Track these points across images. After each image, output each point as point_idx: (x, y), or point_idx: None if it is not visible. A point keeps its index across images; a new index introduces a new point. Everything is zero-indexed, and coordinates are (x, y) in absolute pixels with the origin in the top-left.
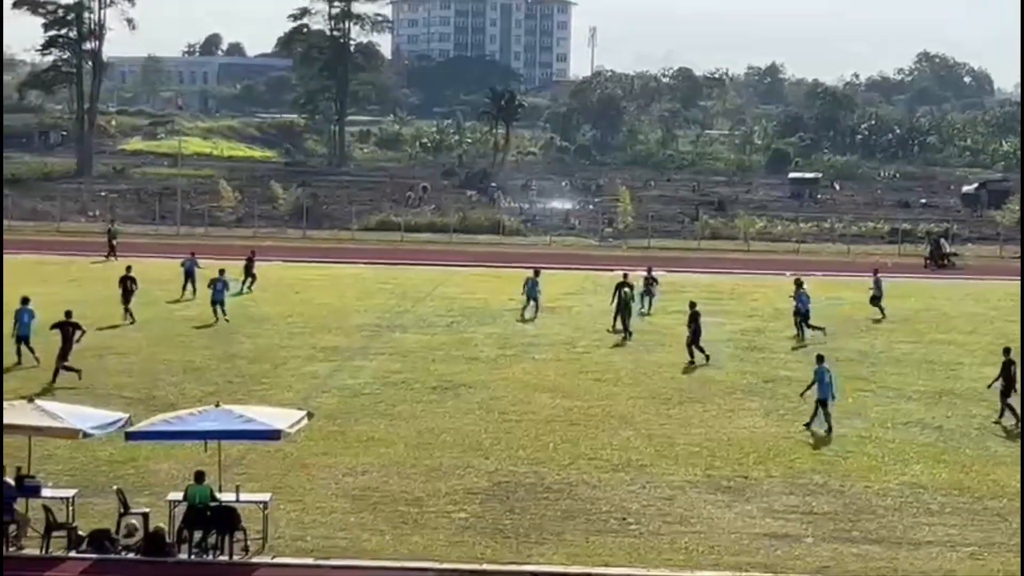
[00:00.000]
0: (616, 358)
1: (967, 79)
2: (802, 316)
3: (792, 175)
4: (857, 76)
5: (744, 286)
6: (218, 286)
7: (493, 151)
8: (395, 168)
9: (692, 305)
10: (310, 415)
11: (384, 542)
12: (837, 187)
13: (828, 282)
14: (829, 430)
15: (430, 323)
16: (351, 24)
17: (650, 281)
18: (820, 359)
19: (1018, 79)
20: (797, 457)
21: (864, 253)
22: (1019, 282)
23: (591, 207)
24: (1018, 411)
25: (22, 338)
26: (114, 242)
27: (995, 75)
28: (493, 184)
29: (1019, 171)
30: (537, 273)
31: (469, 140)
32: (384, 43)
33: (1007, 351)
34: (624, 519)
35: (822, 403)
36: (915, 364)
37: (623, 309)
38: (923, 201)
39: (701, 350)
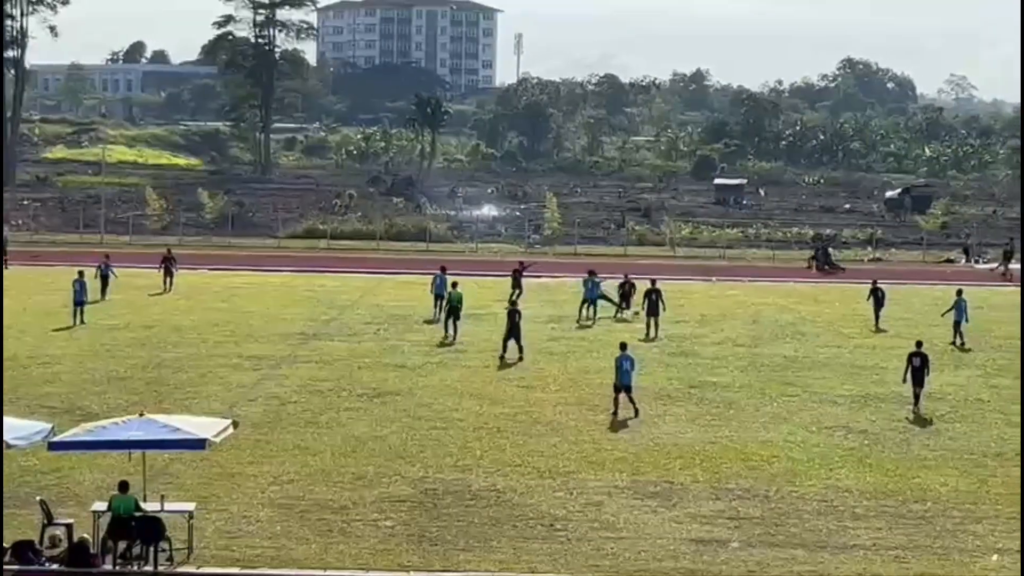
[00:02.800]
0: (543, 364)
1: (890, 85)
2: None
3: (717, 181)
4: (781, 82)
5: (670, 292)
6: (77, 287)
7: (419, 158)
8: (321, 176)
9: (512, 303)
10: (235, 424)
11: (310, 551)
12: (762, 193)
13: (756, 287)
14: (615, 414)
15: (356, 331)
16: (276, 31)
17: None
18: (623, 347)
19: (941, 84)
20: (723, 462)
21: (788, 258)
22: (942, 286)
23: (518, 214)
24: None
25: None
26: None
27: (917, 81)
28: (419, 191)
29: (941, 177)
30: (444, 270)
31: (395, 147)
32: (309, 50)
33: (918, 344)
34: (551, 525)
35: (625, 389)
36: (840, 368)
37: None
38: (847, 206)
39: (519, 348)
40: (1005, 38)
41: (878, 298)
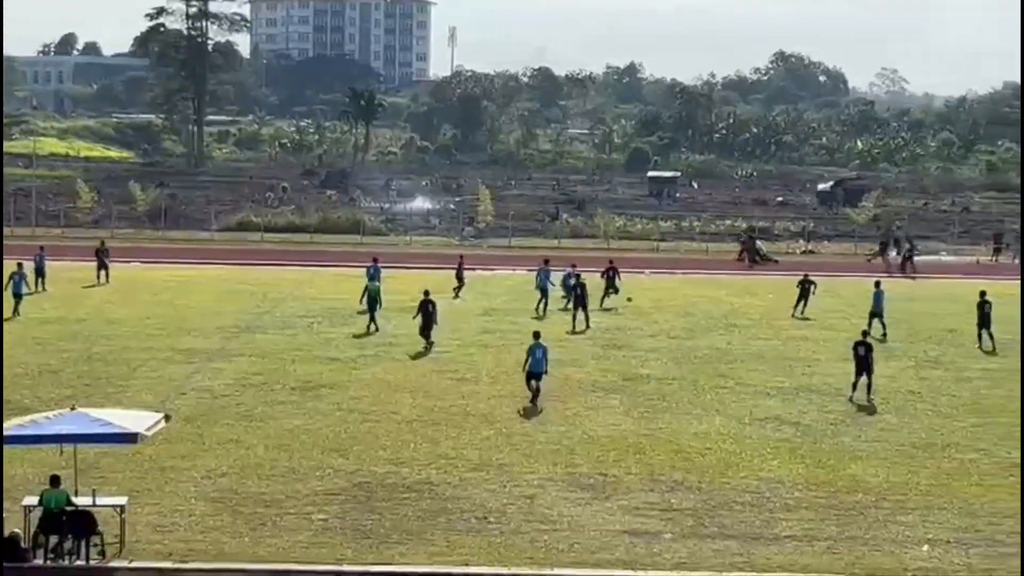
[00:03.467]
0: (476, 357)
1: (822, 78)
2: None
3: (651, 174)
4: (714, 76)
5: (602, 284)
6: (16, 279)
7: (353, 151)
8: (254, 168)
9: (426, 292)
10: (168, 417)
11: (243, 544)
12: (695, 186)
13: (689, 280)
14: (533, 400)
15: (290, 324)
16: (208, 23)
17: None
18: (536, 336)
19: (873, 78)
20: (657, 454)
21: (722, 251)
22: (875, 278)
23: (451, 206)
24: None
25: None
26: None
27: (849, 74)
28: (353, 184)
29: (873, 170)
30: (376, 260)
31: (329, 140)
32: (242, 43)
33: (864, 333)
34: (484, 518)
35: (535, 377)
36: (773, 360)
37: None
38: (780, 199)
39: (427, 338)
40: (935, 31)
41: (805, 290)
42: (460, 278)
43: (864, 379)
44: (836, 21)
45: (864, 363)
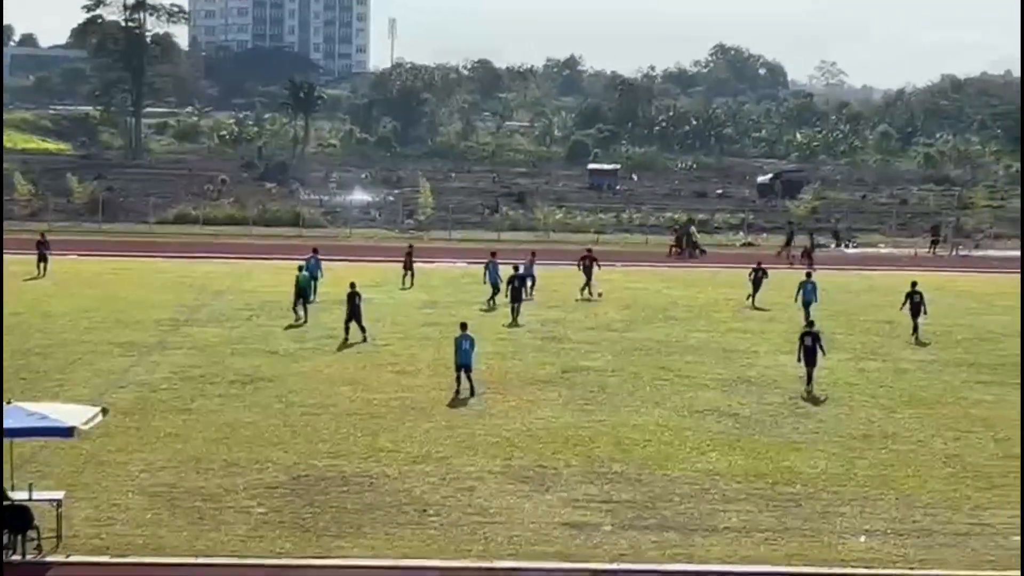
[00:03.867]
0: (417, 350)
1: (762, 71)
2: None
3: (591, 166)
4: (654, 68)
5: (544, 277)
6: None
7: (293, 143)
8: (193, 161)
9: (352, 285)
10: (105, 411)
11: (181, 539)
12: (635, 178)
13: (629, 272)
14: (458, 392)
15: (229, 317)
16: (146, 15)
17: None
18: (463, 327)
19: (812, 70)
20: (596, 446)
21: (661, 243)
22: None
23: (391, 199)
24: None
25: None
26: None
27: (788, 67)
28: (293, 176)
29: (812, 162)
30: (316, 251)
31: (268, 132)
32: (181, 34)
33: (810, 324)
34: (424, 511)
35: (465, 368)
36: (712, 352)
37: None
38: (719, 192)
39: (362, 329)
40: (875, 25)
41: (758, 279)
42: (409, 267)
43: (809, 369)
44: (776, 14)
45: (810, 353)
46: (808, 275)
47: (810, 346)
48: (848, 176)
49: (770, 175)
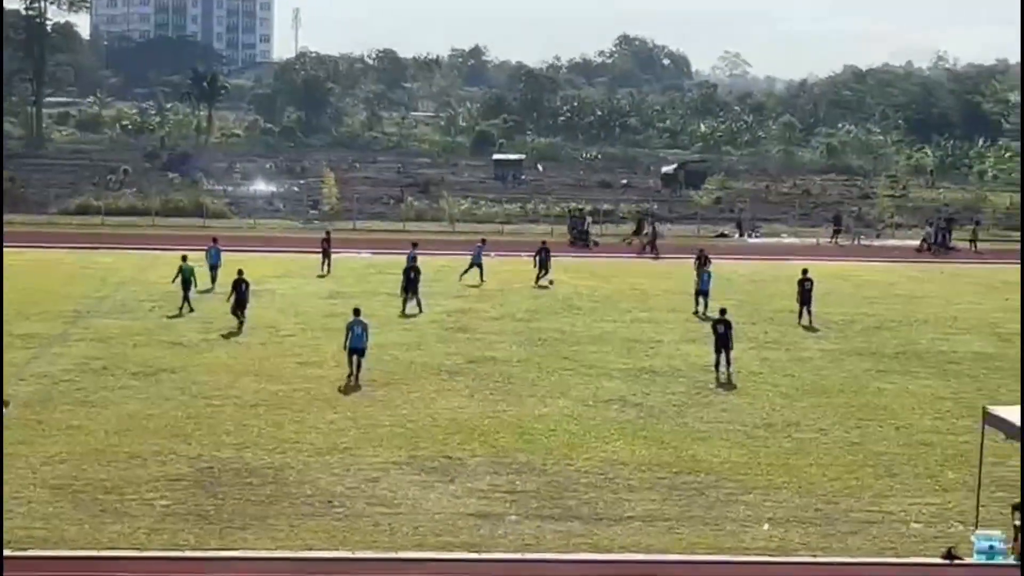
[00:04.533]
0: (321, 341)
1: (666, 62)
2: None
3: (496, 156)
4: (559, 58)
5: (450, 267)
6: None
7: (196, 133)
8: (95, 151)
9: (239, 272)
10: (6, 404)
11: (83, 531)
12: (541, 168)
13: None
14: (354, 377)
15: (132, 308)
16: (47, 4)
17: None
18: (356, 312)
19: (716, 61)
20: (501, 436)
21: (566, 234)
22: (718, 261)
23: (296, 189)
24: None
25: None
26: None
27: (692, 58)
28: (196, 167)
29: (716, 153)
30: (216, 240)
31: (171, 122)
32: (82, 23)
33: (723, 311)
34: (328, 502)
35: (358, 352)
36: (616, 342)
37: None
38: (624, 182)
39: (240, 317)
40: (778, 15)
41: (702, 263)
42: (327, 255)
43: (723, 356)
44: (679, 4)
45: (723, 340)
46: (705, 263)
47: (722, 333)
48: (751, 166)
49: (674, 165)
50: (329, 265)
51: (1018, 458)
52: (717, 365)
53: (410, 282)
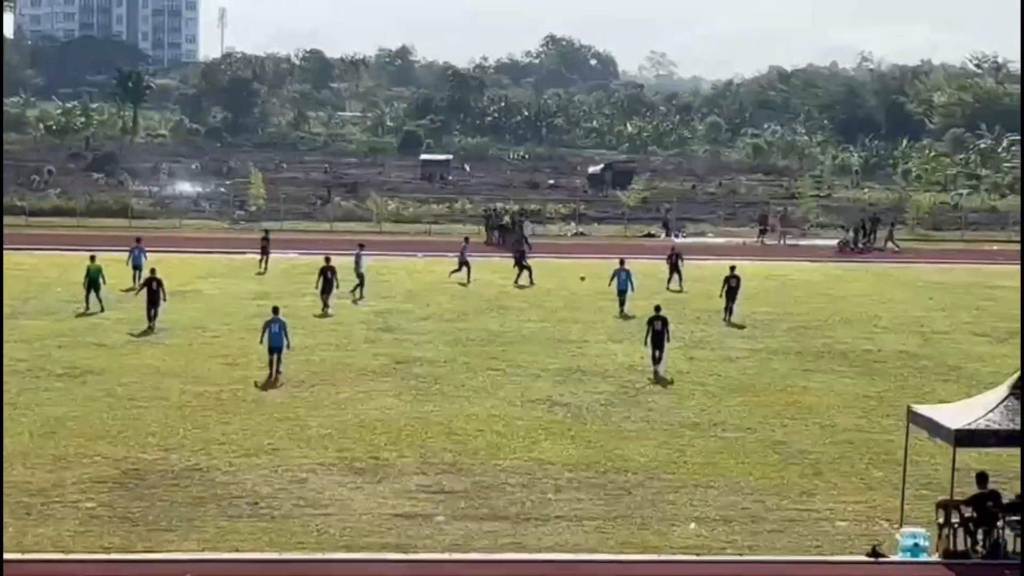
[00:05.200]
0: (248, 342)
1: (592, 62)
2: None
3: (423, 157)
4: (487, 58)
5: (376, 267)
6: None
7: (121, 133)
8: (19, 151)
9: (152, 271)
10: None
11: (8, 535)
12: (468, 168)
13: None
14: (274, 375)
15: (56, 309)
16: None
17: None
18: (275, 310)
19: (642, 61)
20: (429, 437)
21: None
22: (644, 260)
23: (222, 190)
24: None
25: None
26: None
27: (619, 58)
28: (121, 167)
29: (643, 152)
30: (139, 240)
31: (96, 122)
32: (6, 23)
33: (658, 308)
34: (256, 503)
35: (276, 351)
36: (544, 342)
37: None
38: (551, 182)
39: (150, 318)
40: (703, 16)
41: (674, 263)
42: (266, 253)
43: (658, 353)
44: (606, 4)
45: (659, 338)
46: (621, 262)
47: (659, 330)
48: (678, 166)
49: (601, 165)
50: (267, 264)
51: (940, 456)
52: (655, 361)
53: (327, 282)
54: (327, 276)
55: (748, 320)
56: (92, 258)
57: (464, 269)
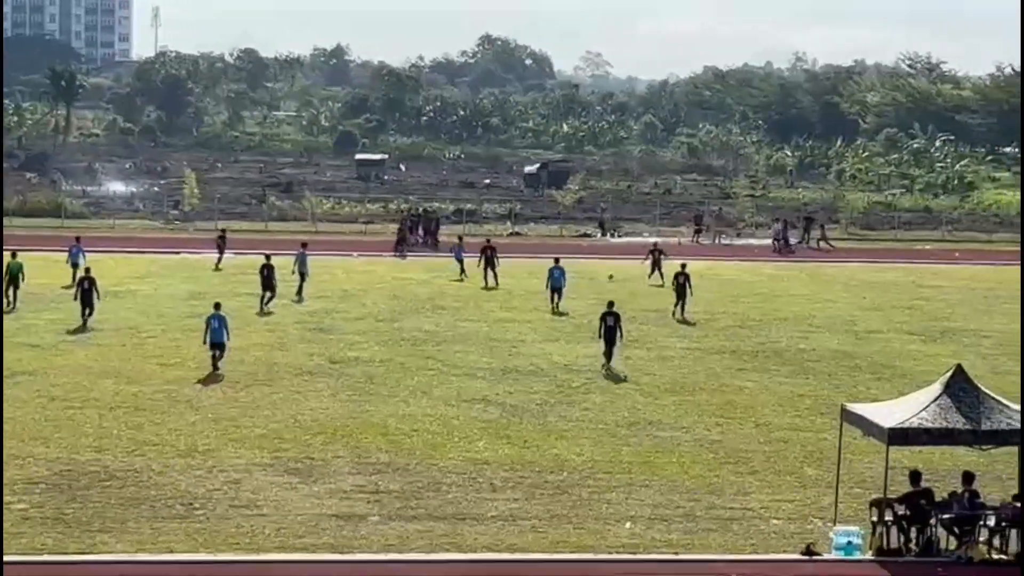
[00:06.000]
0: (182, 342)
1: (528, 61)
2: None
3: (359, 156)
4: (422, 58)
5: (311, 267)
6: None
7: (54, 132)
8: None
9: (87, 270)
10: None
11: None
12: (403, 168)
13: (396, 262)
14: (215, 370)
15: None
16: None
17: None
18: (216, 306)
19: (578, 61)
20: (364, 437)
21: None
22: (580, 260)
23: (156, 189)
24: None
25: None
26: None
27: (555, 58)
28: (54, 167)
29: (578, 152)
30: (79, 240)
31: (28, 122)
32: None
33: (610, 304)
34: (190, 504)
35: (219, 346)
36: (479, 342)
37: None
38: (487, 182)
39: (87, 315)
40: (640, 16)
41: (656, 259)
42: (222, 250)
43: (610, 348)
44: (541, 4)
45: (612, 333)
46: (556, 260)
47: (611, 326)
48: (613, 166)
49: (537, 165)
50: (220, 262)
51: (874, 455)
52: (607, 356)
53: (265, 280)
54: (264, 274)
55: (687, 312)
56: (13, 254)
57: (460, 267)
